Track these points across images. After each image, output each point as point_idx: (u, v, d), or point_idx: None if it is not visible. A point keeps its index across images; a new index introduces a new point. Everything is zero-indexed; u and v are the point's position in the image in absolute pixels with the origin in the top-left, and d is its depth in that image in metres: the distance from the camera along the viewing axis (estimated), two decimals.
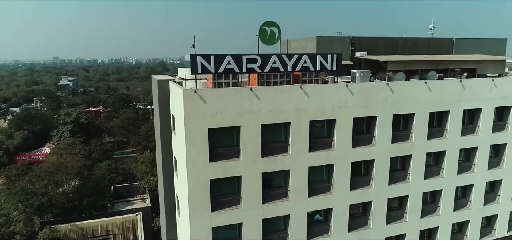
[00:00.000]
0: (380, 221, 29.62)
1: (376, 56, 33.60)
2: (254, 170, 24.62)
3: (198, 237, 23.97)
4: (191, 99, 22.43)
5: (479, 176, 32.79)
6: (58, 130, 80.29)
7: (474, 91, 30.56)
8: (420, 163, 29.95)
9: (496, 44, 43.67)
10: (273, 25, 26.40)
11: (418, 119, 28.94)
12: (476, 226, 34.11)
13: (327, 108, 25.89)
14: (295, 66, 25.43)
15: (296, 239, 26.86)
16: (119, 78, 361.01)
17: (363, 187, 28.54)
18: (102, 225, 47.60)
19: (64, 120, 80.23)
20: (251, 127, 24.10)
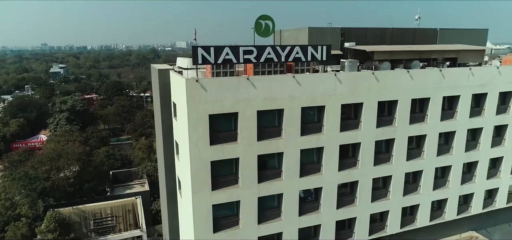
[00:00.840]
0: (366, 199, 32.23)
1: (363, 46, 35.90)
2: (250, 153, 26.86)
3: (200, 214, 26.28)
4: (193, 87, 24.45)
5: (457, 158, 35.49)
6: (54, 117, 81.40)
7: (452, 79, 32.99)
8: (402, 146, 32.48)
9: (477, 34, 46.30)
10: (268, 19, 28.38)
11: (401, 105, 31.34)
12: (454, 203, 37.00)
13: (317, 95, 28.10)
14: (288, 57, 27.53)
15: (289, 216, 29.36)
16: (110, 65, 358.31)
17: (350, 168, 31.01)
18: (103, 208, 49.73)
19: (61, 107, 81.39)
20: (247, 113, 26.24)
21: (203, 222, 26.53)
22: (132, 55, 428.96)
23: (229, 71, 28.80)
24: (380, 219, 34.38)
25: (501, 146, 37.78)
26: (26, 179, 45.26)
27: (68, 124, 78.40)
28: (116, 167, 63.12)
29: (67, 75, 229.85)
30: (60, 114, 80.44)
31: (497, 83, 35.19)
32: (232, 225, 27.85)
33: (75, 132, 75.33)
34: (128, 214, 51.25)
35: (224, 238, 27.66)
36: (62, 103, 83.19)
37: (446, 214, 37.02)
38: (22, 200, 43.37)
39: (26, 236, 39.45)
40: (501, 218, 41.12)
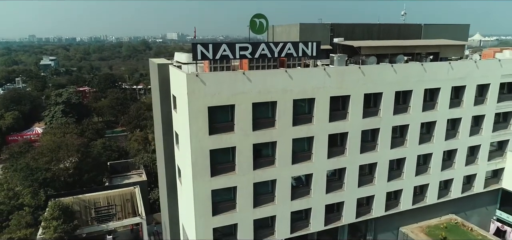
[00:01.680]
0: (353, 185, 34.69)
1: (351, 42, 38.04)
2: (246, 142, 29.00)
3: (200, 198, 28.42)
4: (193, 82, 26.41)
5: (437, 146, 38.15)
6: (50, 110, 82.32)
7: (433, 72, 35.45)
8: (387, 135, 34.95)
9: (459, 30, 48.91)
10: (262, 17, 30.40)
11: (385, 97, 33.72)
12: (434, 188, 39.74)
13: (308, 88, 30.27)
14: (280, 52, 29.58)
15: (282, 200, 31.68)
16: (101, 57, 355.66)
17: (339, 155, 33.38)
18: (103, 197, 51.37)
19: (56, 100, 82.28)
20: (243, 105, 28.32)
21: (203, 206, 28.69)
22: (123, 47, 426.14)
23: (225, 66, 30.61)
24: (367, 203, 36.95)
25: (478, 135, 40.50)
26: (28, 170, 46.77)
27: (63, 116, 79.49)
28: (113, 158, 64.77)
29: (58, 68, 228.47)
30: (56, 106, 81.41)
31: (475, 76, 37.78)
32: (229, 209, 30.08)
33: (71, 124, 76.54)
34: (127, 203, 53.02)
35: (222, 221, 29.89)
36: (57, 95, 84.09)
37: (427, 198, 39.76)
38: (24, 190, 44.93)
39: (30, 224, 41.08)
40: (479, 202, 44.07)
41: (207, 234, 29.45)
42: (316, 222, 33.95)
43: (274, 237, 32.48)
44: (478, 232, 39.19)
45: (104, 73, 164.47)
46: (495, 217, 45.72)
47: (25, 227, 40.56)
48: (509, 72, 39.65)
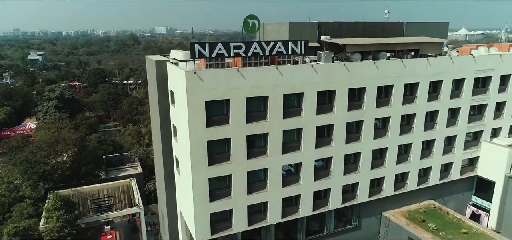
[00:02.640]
0: (339, 173, 37.42)
1: (337, 40, 40.60)
2: (240, 133, 31.36)
3: (198, 186, 30.74)
4: (192, 78, 28.61)
5: (417, 136, 41.08)
6: (43, 105, 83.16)
7: (412, 68, 38.25)
8: (370, 126, 37.68)
9: (439, 27, 51.92)
10: (254, 18, 32.74)
11: (368, 92, 36.39)
12: (414, 176, 42.78)
13: (297, 84, 32.72)
14: (271, 51, 31.93)
15: (274, 187, 34.20)
16: (89, 52, 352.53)
17: (325, 146, 36.01)
18: (100, 189, 53.38)
19: (49, 95, 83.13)
20: (238, 99, 30.64)
21: (201, 193, 31.04)
22: (111, 41, 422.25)
23: (220, 64, 32.83)
24: (352, 190, 39.74)
25: (455, 126, 43.62)
26: (27, 164, 48.33)
27: (57, 112, 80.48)
28: (108, 152, 66.45)
29: (46, 63, 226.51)
30: (49, 102, 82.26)
31: (451, 71, 40.76)
32: (225, 196, 32.51)
33: (65, 119, 77.68)
34: (124, 194, 55.06)
35: (218, 207, 32.33)
36: (50, 91, 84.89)
37: (408, 185, 42.80)
38: (24, 183, 46.53)
39: (32, 215, 42.78)
40: (456, 188, 47.35)
41: (205, 219, 31.88)
42: (305, 207, 36.64)
43: (266, 222, 35.07)
44: (454, 216, 42.45)
45: (94, 68, 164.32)
46: (470, 202, 49.12)
47: (27, 218, 42.23)
48: (482, 68, 42.74)
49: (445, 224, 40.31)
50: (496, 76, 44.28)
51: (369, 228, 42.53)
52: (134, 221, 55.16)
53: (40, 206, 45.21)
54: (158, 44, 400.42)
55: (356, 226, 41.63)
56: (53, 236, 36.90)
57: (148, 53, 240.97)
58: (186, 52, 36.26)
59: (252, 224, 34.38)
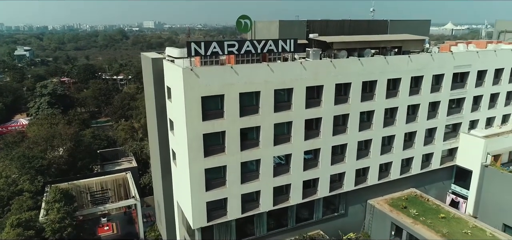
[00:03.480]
0: (326, 163, 39.77)
1: (324, 37, 42.82)
2: (234, 127, 33.37)
3: (195, 176, 32.70)
4: (189, 75, 30.45)
5: (399, 128, 43.67)
6: (35, 101, 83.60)
7: (395, 65, 40.72)
8: (355, 119, 40.07)
9: (421, 25, 54.61)
10: (247, 18, 34.70)
11: (354, 87, 38.73)
12: (397, 165, 45.41)
13: (287, 80, 34.81)
14: (263, 49, 33.92)
15: (265, 177, 36.37)
16: (77, 47, 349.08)
17: (314, 138, 38.27)
18: (97, 183, 54.85)
19: (41, 91, 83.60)
20: (231, 95, 32.59)
21: (198, 183, 33.02)
22: (99, 36, 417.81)
23: (214, 61, 34.70)
24: (338, 179, 42.16)
25: (435, 119, 46.34)
26: (24, 159, 49.46)
27: (49, 107, 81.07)
28: (102, 147, 67.68)
29: (33, 58, 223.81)
30: (41, 98, 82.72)
31: (431, 67, 43.34)
32: (220, 185, 34.55)
33: (58, 115, 78.40)
34: (119, 187, 56.65)
35: (214, 196, 34.38)
36: (42, 87, 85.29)
37: (391, 175, 45.45)
38: (22, 177, 47.72)
39: (31, 208, 44.08)
40: (436, 177, 50.22)
41: (201, 207, 33.91)
42: (295, 196, 38.94)
43: (259, 210, 37.27)
44: (434, 202, 45.33)
45: (84, 64, 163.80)
46: (450, 190, 52.16)
47: (26, 211, 43.53)
48: (460, 64, 45.47)
49: (425, 210, 43.12)
50: (473, 72, 47.05)
51: (355, 215, 45.11)
52: (130, 213, 56.80)
53: (39, 199, 46.53)
54: (146, 39, 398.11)
55: (343, 213, 44.17)
56: (54, 226, 38.37)
57: (137, 48, 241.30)
58: (181, 49, 38.17)
59: (245, 211, 36.53)
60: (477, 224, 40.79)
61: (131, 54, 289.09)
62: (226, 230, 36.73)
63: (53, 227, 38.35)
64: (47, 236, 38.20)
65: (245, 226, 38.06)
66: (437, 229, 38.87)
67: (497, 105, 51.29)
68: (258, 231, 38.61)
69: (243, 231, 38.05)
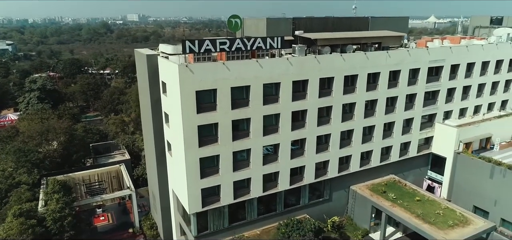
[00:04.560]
0: (312, 152, 42.73)
1: (309, 34, 45.50)
2: (226, 119, 35.90)
3: (191, 165, 35.16)
4: (184, 71, 32.77)
5: (379, 119, 46.92)
6: (24, 97, 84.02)
7: (374, 60, 43.81)
8: (338, 111, 43.06)
9: (400, 21, 57.93)
10: (237, 18, 37.13)
11: (336, 81, 41.65)
12: (377, 153, 48.80)
13: (275, 75, 37.45)
14: (252, 46, 36.40)
15: (255, 165, 39.09)
16: (60, 41, 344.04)
17: (300, 128, 41.11)
18: (92, 175, 56.78)
19: (30, 87, 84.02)
20: (224, 89, 35.05)
21: (193, 171, 35.50)
22: (82, 30, 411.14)
23: (207, 57, 37.04)
24: (323, 167, 45.22)
25: (412, 110, 49.79)
26: (20, 152, 50.88)
27: (39, 102, 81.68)
28: (94, 141, 69.19)
29: (16, 53, 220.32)
30: (31, 93, 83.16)
31: (408, 62, 46.64)
32: (214, 173, 37.12)
33: (48, 110, 79.23)
34: (113, 179, 58.71)
35: (208, 183, 36.95)
36: (31, 82, 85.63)
37: (372, 162, 48.81)
38: (19, 170, 49.20)
39: (30, 199, 45.68)
40: (414, 164, 53.90)
41: (197, 194, 36.45)
42: (283, 182, 41.84)
43: (250, 196, 40.02)
44: (411, 187, 48.98)
45: (69, 58, 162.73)
46: (427, 176, 55.97)
47: (25, 202, 45.18)
48: (435, 58, 48.92)
49: (402, 194, 46.70)
50: (447, 66, 50.60)
51: (339, 200, 48.41)
52: (124, 204, 59.00)
53: (36, 191, 48.16)
54: (131, 33, 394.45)
55: (327, 198, 47.37)
56: (55, 216, 40.26)
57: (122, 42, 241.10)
58: (175, 46, 40.43)
59: (237, 197, 39.23)
60: (449, 205, 44.60)
61: (116, 48, 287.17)
62: (219, 215, 39.42)
63: (53, 217, 40.24)
64: (48, 225, 40.07)
65: (237, 212, 40.79)
66: (413, 211, 42.46)
67: (469, 97, 55.12)
68: (249, 215, 41.42)
69: (235, 216, 40.78)
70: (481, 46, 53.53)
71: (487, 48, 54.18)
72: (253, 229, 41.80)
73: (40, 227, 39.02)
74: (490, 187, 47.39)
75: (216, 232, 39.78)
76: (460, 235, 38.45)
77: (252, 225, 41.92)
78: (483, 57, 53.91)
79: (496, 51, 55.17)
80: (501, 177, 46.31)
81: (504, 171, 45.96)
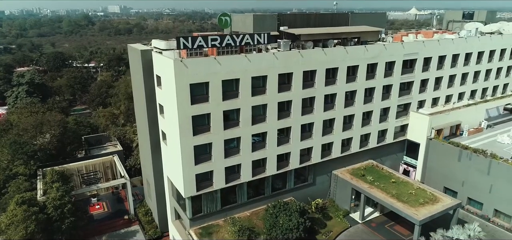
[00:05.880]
0: (296, 139, 46.17)
1: (293, 30, 48.60)
2: (218, 109, 38.85)
3: (186, 152, 38.06)
4: (179, 65, 35.50)
5: (358, 108, 50.66)
6: (12, 91, 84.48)
7: (353, 54, 47.34)
8: (320, 101, 46.49)
9: (378, 17, 61.74)
10: (227, 16, 40.00)
11: (318, 73, 45.03)
12: (357, 140, 52.65)
13: (262, 68, 40.52)
14: (241, 42, 39.30)
15: (245, 152, 42.29)
16: (40, 33, 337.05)
17: (286, 118, 44.34)
18: (86, 166, 58.93)
19: (19, 81, 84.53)
20: (215, 82, 37.96)
21: (188, 158, 38.44)
22: (63, 22, 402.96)
23: (199, 52, 39.71)
24: (307, 153, 48.76)
25: (388, 100, 53.73)
26: (16, 145, 52.57)
27: (28, 96, 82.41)
28: (85, 133, 70.94)
29: None
30: (19, 87, 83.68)
31: (384, 55, 50.39)
32: (207, 160, 40.14)
33: (37, 103, 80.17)
34: (107, 170, 60.96)
35: (202, 169, 39.97)
36: (19, 76, 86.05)
37: (352, 148, 52.66)
38: (16, 161, 50.98)
39: (28, 189, 47.68)
40: (390, 150, 58.09)
41: (191, 179, 39.43)
42: (271, 168, 45.21)
43: (240, 180, 43.24)
44: (387, 170, 53.18)
45: (53, 52, 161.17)
46: (402, 161, 60.41)
47: (23, 192, 47.21)
48: (409, 52, 52.83)
49: (379, 177, 50.83)
50: (420, 59, 54.63)
51: (322, 184, 52.21)
52: (118, 193, 61.43)
53: (33, 182, 50.15)
54: (114, 25, 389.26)
55: (311, 182, 51.08)
56: (56, 203, 42.54)
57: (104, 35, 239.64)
58: (167, 42, 43.08)
59: (228, 182, 42.40)
60: (421, 186, 49.00)
61: (99, 40, 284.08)
62: (212, 199, 42.57)
63: (54, 204, 42.53)
64: (49, 212, 42.35)
65: (228, 195, 44.02)
66: (388, 191, 46.64)
67: (441, 87, 59.51)
68: (239, 199, 44.72)
69: (227, 199, 44.02)
70: (452, 40, 57.87)
71: (457, 42, 58.59)
72: (244, 211, 45.16)
73: (42, 214, 41.27)
74: (458, 170, 52.07)
75: (210, 214, 42.96)
76: (429, 211, 42.75)
77: (243, 208, 45.28)
78: (453, 50, 58.26)
79: (465, 44, 59.64)
80: (468, 160, 51.00)
81: (470, 154, 50.64)
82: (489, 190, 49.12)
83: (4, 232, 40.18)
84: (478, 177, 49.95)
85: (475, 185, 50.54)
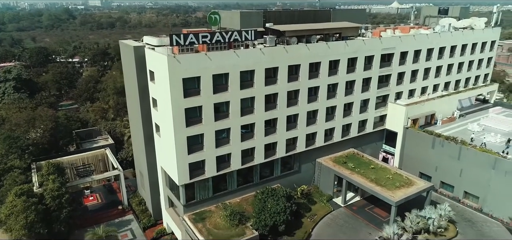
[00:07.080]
0: (283, 129, 49.11)
1: (278, 26, 51.21)
2: (209, 102, 41.39)
3: (179, 142, 40.52)
4: (172, 61, 37.82)
5: (340, 100, 53.94)
6: (0, 87, 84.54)
7: (335, 49, 50.50)
8: (305, 94, 49.53)
9: (359, 13, 65.09)
10: (216, 14, 42.39)
11: (302, 67, 48.00)
12: (339, 130, 56.02)
13: (250, 63, 43.19)
14: (230, 38, 41.81)
15: (235, 142, 45.00)
16: (19, 27, 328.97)
17: (272, 109, 47.19)
18: (79, 159, 60.43)
19: (5, 77, 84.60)
20: (206, 76, 40.45)
21: (181, 148, 40.92)
22: (43, 16, 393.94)
23: (190, 48, 41.89)
24: (293, 143, 51.81)
25: (368, 92, 57.27)
26: (10, 139, 53.79)
27: (15, 92, 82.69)
28: (76, 128, 72.20)
29: None
30: (6, 83, 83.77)
31: (363, 50, 53.74)
32: (199, 150, 42.70)
33: (25, 99, 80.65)
34: (99, 162, 62.64)
35: (194, 158, 42.53)
36: (6, 72, 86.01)
37: (334, 138, 56.04)
38: (11, 155, 52.28)
39: (24, 182, 49.14)
40: (370, 139, 61.82)
41: (185, 167, 41.96)
42: (259, 157, 48.11)
43: (230, 169, 46.01)
44: (367, 158, 56.89)
45: (36, 47, 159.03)
46: (382, 149, 64.30)
47: (20, 184, 48.70)
48: (387, 47, 56.37)
49: (360, 164, 54.45)
50: (397, 53, 58.27)
51: (306, 171, 55.49)
52: (110, 185, 63.29)
53: (28, 175, 51.63)
54: (96, 19, 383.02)
55: (297, 170, 54.28)
56: (53, 194, 44.34)
57: (86, 29, 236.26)
58: (159, 38, 45.19)
59: (219, 170, 45.11)
60: (398, 171, 52.88)
61: (81, 35, 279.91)
62: (204, 187, 45.24)
63: (52, 195, 44.33)
64: (47, 203, 44.13)
65: (219, 183, 46.74)
66: (367, 176, 50.28)
67: (417, 80, 63.45)
68: (230, 186, 47.54)
69: (218, 187, 46.74)
70: (427, 35, 61.79)
71: (432, 36, 62.58)
72: (234, 198, 48.02)
73: (41, 205, 43.07)
74: (432, 156, 56.22)
75: (202, 201, 45.65)
76: (404, 193, 46.56)
77: (233, 194, 48.14)
78: (428, 45, 62.19)
79: (439, 39, 63.69)
80: (440, 147, 55.17)
81: (443, 141, 54.80)
82: (460, 174, 53.42)
83: (4, 223, 41.88)
84: (449, 162, 54.17)
85: (447, 170, 54.77)
